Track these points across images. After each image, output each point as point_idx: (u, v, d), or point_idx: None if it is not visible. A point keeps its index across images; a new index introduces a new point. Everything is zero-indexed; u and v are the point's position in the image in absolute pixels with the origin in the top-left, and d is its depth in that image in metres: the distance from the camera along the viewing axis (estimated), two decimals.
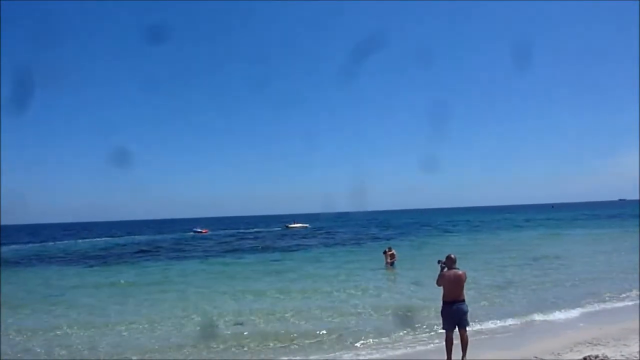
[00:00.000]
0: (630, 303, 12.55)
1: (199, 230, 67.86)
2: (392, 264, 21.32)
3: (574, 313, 11.54)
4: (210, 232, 66.09)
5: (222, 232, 67.62)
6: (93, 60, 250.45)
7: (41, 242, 56.43)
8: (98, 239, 58.02)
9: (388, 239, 40.18)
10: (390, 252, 21.68)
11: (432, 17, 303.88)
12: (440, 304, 7.95)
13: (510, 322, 10.80)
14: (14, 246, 49.02)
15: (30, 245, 51.58)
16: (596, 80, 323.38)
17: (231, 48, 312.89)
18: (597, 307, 12.15)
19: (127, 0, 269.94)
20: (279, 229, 70.58)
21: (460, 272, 7.91)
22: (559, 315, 11.30)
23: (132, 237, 62.33)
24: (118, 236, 65.18)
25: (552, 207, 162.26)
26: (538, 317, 11.18)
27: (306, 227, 72.68)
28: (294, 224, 74.43)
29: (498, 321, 10.85)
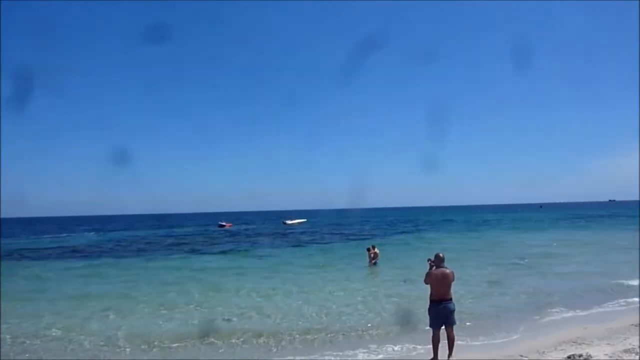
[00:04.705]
0: (613, 302, 12.70)
1: (224, 224, 70.39)
2: (374, 262, 21.37)
3: (559, 312, 11.66)
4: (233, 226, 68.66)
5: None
6: (92, 59, 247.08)
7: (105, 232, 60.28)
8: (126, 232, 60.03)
9: (372, 237, 40.51)
10: (373, 251, 21.71)
11: (433, 18, 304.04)
12: (428, 302, 7.98)
13: (496, 321, 10.85)
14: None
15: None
16: (592, 81, 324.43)
17: (230, 46, 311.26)
18: (581, 307, 12.21)
19: (127, 0, 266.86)
20: (277, 225, 70.61)
21: (447, 270, 7.92)
22: (544, 315, 11.40)
23: (170, 230, 64.84)
24: (143, 229, 68.05)
25: (541, 207, 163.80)
26: (523, 316, 11.26)
27: (303, 222, 72.94)
28: (292, 220, 74.56)
29: (484, 320, 10.91)
